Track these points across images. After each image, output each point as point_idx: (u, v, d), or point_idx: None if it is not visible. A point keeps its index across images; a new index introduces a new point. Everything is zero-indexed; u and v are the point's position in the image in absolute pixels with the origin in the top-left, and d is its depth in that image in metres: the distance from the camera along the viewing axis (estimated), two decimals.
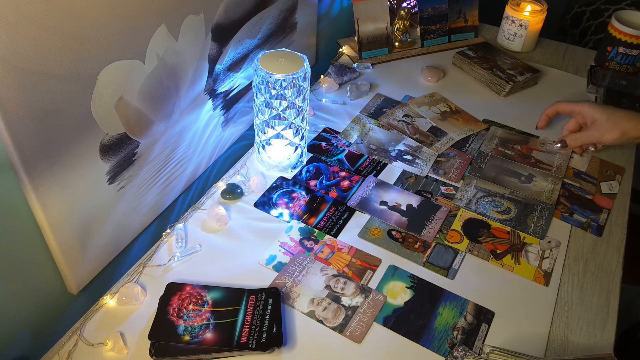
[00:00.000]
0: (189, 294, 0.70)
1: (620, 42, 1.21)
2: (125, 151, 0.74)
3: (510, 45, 1.31)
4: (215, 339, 0.66)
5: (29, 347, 0.71)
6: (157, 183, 0.84)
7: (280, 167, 0.92)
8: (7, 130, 0.55)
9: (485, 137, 1.03)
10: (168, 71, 0.77)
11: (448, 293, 0.75)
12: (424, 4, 1.26)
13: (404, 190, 0.91)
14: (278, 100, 0.83)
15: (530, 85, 1.20)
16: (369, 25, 1.21)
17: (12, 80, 0.54)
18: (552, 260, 0.81)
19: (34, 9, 0.53)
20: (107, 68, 0.65)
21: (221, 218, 0.82)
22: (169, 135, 0.83)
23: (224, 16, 0.85)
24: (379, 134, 1.02)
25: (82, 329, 0.69)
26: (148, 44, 0.71)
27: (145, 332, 0.68)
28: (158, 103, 0.77)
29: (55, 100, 0.60)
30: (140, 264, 0.77)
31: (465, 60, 1.22)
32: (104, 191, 0.73)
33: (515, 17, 1.27)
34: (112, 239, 0.78)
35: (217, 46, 0.87)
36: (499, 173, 0.95)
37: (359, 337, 0.69)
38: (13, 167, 0.59)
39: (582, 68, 1.27)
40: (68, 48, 0.59)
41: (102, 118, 0.67)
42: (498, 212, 0.88)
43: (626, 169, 0.99)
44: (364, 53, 1.22)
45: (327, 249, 0.80)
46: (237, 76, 0.96)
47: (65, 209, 0.67)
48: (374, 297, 0.74)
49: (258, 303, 0.70)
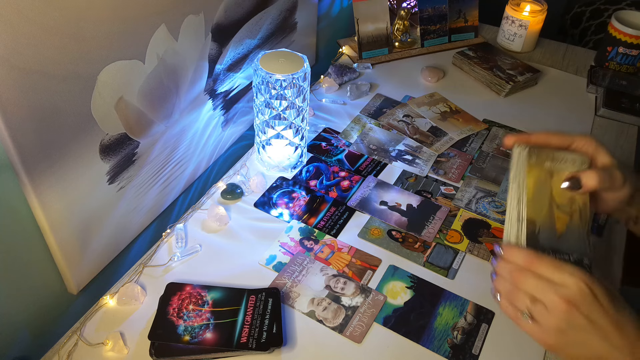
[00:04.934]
0: (189, 294, 0.70)
1: (620, 42, 1.21)
2: (125, 151, 0.74)
3: (510, 45, 1.31)
4: (215, 339, 0.66)
5: (29, 347, 0.71)
6: (157, 183, 0.84)
7: (280, 167, 0.92)
8: (7, 130, 0.55)
9: (487, 137, 1.03)
10: (168, 71, 0.77)
11: (448, 293, 0.75)
12: (424, 4, 1.26)
13: (404, 190, 0.91)
14: (278, 100, 0.83)
15: (530, 86, 1.20)
16: (369, 25, 1.21)
17: (12, 80, 0.54)
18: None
19: (34, 9, 0.53)
20: (107, 68, 0.65)
21: (221, 218, 0.82)
22: (169, 135, 0.83)
23: (224, 16, 0.86)
24: (379, 134, 1.02)
25: (82, 329, 0.69)
26: (148, 44, 0.71)
27: (145, 332, 0.68)
28: (158, 103, 0.77)
29: (55, 100, 0.60)
30: (140, 264, 0.77)
31: (465, 60, 1.22)
32: (104, 191, 0.73)
33: (515, 17, 1.27)
34: (112, 239, 0.78)
35: (217, 46, 0.87)
36: (500, 173, 0.95)
37: (359, 337, 0.69)
38: (13, 167, 0.59)
39: (582, 68, 1.27)
40: (68, 48, 0.59)
41: (102, 118, 0.67)
42: (498, 212, 0.88)
43: None
44: (364, 53, 1.22)
45: (327, 249, 0.80)
46: (237, 76, 0.96)
47: (65, 209, 0.67)
48: (374, 297, 0.74)
49: (258, 303, 0.70)
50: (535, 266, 0.51)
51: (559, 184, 0.56)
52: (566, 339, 0.50)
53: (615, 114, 1.10)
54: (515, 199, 0.56)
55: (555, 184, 0.56)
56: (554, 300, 0.49)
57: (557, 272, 0.50)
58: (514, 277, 0.52)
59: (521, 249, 0.53)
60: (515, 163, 0.57)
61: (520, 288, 0.52)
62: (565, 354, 0.51)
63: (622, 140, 1.06)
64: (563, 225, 0.55)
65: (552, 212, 0.56)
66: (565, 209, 0.56)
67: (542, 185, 0.56)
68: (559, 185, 0.56)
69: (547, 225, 0.55)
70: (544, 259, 0.51)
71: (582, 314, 0.49)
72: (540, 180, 0.56)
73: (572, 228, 0.56)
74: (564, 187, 0.57)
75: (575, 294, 0.49)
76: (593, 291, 0.49)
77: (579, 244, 0.55)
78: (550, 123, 1.09)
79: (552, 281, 0.50)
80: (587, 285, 0.49)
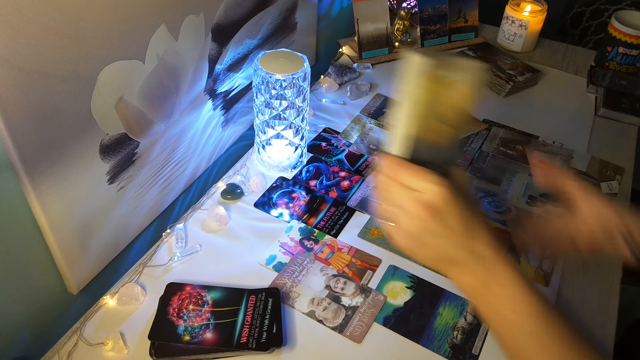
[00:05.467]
0: (189, 294, 0.70)
1: (620, 42, 1.21)
2: (125, 151, 0.74)
3: (510, 46, 1.31)
4: (215, 339, 0.66)
5: (29, 347, 0.71)
6: (157, 183, 0.84)
7: (280, 167, 0.92)
8: (7, 130, 0.55)
9: (487, 137, 1.04)
10: (168, 71, 0.77)
11: (448, 293, 0.75)
12: (424, 4, 1.26)
13: None
14: (278, 100, 0.83)
15: (530, 86, 1.20)
16: (369, 25, 1.21)
17: (12, 80, 0.54)
18: (552, 260, 0.81)
19: (34, 9, 0.53)
20: (107, 68, 0.65)
21: (221, 218, 0.82)
22: (169, 135, 0.83)
23: (224, 16, 0.86)
24: (379, 134, 1.02)
25: (82, 329, 0.69)
26: (148, 44, 0.71)
27: (145, 332, 0.68)
28: (158, 103, 0.77)
29: (55, 100, 0.60)
30: (140, 264, 0.77)
31: None
32: (104, 191, 0.73)
33: (515, 17, 1.27)
34: (112, 239, 0.78)
35: (217, 46, 0.87)
36: (500, 173, 0.95)
37: (359, 337, 0.69)
38: (13, 167, 0.59)
39: (582, 68, 1.27)
40: (68, 48, 0.59)
41: (102, 118, 0.67)
42: (498, 212, 0.88)
43: (626, 169, 0.99)
44: (364, 53, 1.22)
45: (327, 249, 0.80)
46: (237, 76, 0.96)
47: (65, 209, 0.67)
48: (374, 297, 0.74)
49: (258, 303, 0.70)
50: (400, 175, 0.53)
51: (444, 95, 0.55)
52: (420, 242, 0.53)
53: (615, 114, 1.10)
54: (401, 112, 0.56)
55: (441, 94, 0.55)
56: (414, 207, 0.52)
57: (420, 181, 0.52)
58: (382, 185, 0.55)
59: (389, 160, 0.55)
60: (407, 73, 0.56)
61: (388, 196, 0.54)
62: (416, 254, 0.55)
63: (622, 140, 1.06)
64: (443, 137, 0.56)
65: (435, 125, 0.56)
66: (444, 119, 0.56)
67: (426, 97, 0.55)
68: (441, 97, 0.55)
69: (427, 138, 0.56)
70: (409, 168, 0.53)
71: (439, 220, 0.51)
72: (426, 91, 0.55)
73: (450, 138, 0.57)
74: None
75: (435, 201, 0.51)
76: (452, 198, 0.51)
77: (452, 154, 0.58)
78: (550, 123, 1.09)
79: (415, 189, 0.52)
80: (448, 192, 0.51)
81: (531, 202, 0.90)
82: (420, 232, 0.53)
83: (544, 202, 0.90)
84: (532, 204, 0.89)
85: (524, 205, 0.89)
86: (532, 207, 0.89)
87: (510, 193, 0.91)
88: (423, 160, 0.55)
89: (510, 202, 0.89)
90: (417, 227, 0.52)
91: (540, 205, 0.89)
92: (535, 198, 0.90)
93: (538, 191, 0.92)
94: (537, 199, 0.90)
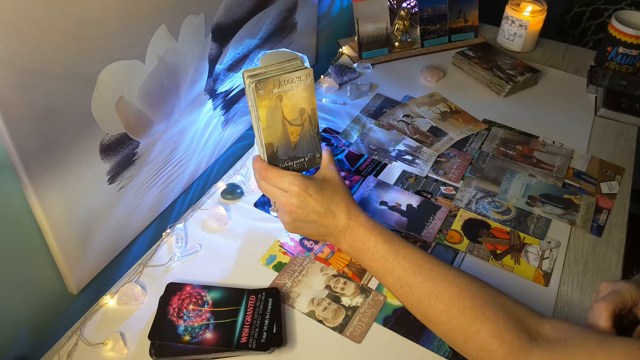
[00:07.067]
0: (189, 294, 0.70)
1: (620, 42, 1.21)
2: (126, 151, 0.74)
3: (510, 45, 1.31)
4: (215, 339, 0.66)
5: (29, 347, 0.71)
6: (157, 183, 0.84)
7: None
8: (7, 130, 0.55)
9: (487, 137, 1.04)
10: (168, 71, 0.77)
11: None
12: (424, 4, 1.26)
13: (404, 191, 0.91)
14: None
15: (530, 86, 1.20)
16: (369, 25, 1.21)
17: (12, 80, 0.54)
18: (552, 260, 0.81)
19: (35, 9, 0.53)
20: (107, 68, 0.65)
21: (221, 218, 0.82)
22: (169, 135, 0.83)
23: (224, 16, 0.85)
24: (379, 134, 1.02)
25: (82, 329, 0.69)
26: (148, 44, 0.71)
27: (145, 332, 0.68)
28: (158, 103, 0.77)
29: (55, 100, 0.60)
30: (140, 264, 0.77)
31: (465, 60, 1.22)
32: (104, 191, 0.73)
33: (515, 17, 1.27)
34: (112, 239, 0.78)
35: (217, 46, 0.87)
36: (500, 173, 0.95)
37: (359, 337, 0.69)
38: (13, 167, 0.59)
39: (582, 68, 1.27)
40: (68, 48, 0.59)
41: (102, 118, 0.67)
42: (498, 212, 0.88)
43: (626, 169, 0.99)
44: (364, 53, 1.22)
45: (327, 249, 0.80)
46: (237, 76, 0.96)
47: (65, 209, 0.67)
48: (374, 297, 0.74)
49: (258, 303, 0.70)
50: (266, 178, 0.68)
51: (288, 103, 0.66)
52: (297, 225, 0.69)
53: (615, 114, 1.10)
54: (255, 127, 0.67)
55: (285, 104, 0.66)
56: (282, 203, 0.68)
57: (280, 181, 0.67)
58: (260, 186, 0.70)
59: (256, 164, 0.68)
60: (248, 95, 0.65)
61: (267, 193, 0.70)
62: (301, 233, 0.71)
63: (622, 140, 1.06)
64: (297, 136, 0.69)
65: (286, 129, 0.67)
66: (296, 122, 0.68)
67: (274, 110, 0.65)
68: (289, 104, 0.66)
69: (283, 142, 0.68)
70: (270, 171, 0.67)
71: (301, 213, 0.67)
72: (271, 107, 0.65)
73: (304, 134, 0.69)
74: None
75: (293, 198, 0.66)
76: (306, 194, 0.66)
77: (311, 145, 0.70)
78: (550, 123, 1.09)
79: (279, 188, 0.67)
80: (302, 190, 0.66)
81: (531, 202, 0.90)
82: (293, 221, 0.68)
83: (544, 202, 0.90)
84: (532, 204, 0.89)
85: (524, 205, 0.89)
86: (532, 207, 0.89)
87: (510, 193, 0.91)
88: (290, 157, 0.69)
89: (510, 202, 0.89)
90: (289, 217, 0.68)
91: (540, 206, 0.89)
92: (535, 198, 0.90)
93: (538, 191, 0.92)
94: (537, 199, 0.90)
